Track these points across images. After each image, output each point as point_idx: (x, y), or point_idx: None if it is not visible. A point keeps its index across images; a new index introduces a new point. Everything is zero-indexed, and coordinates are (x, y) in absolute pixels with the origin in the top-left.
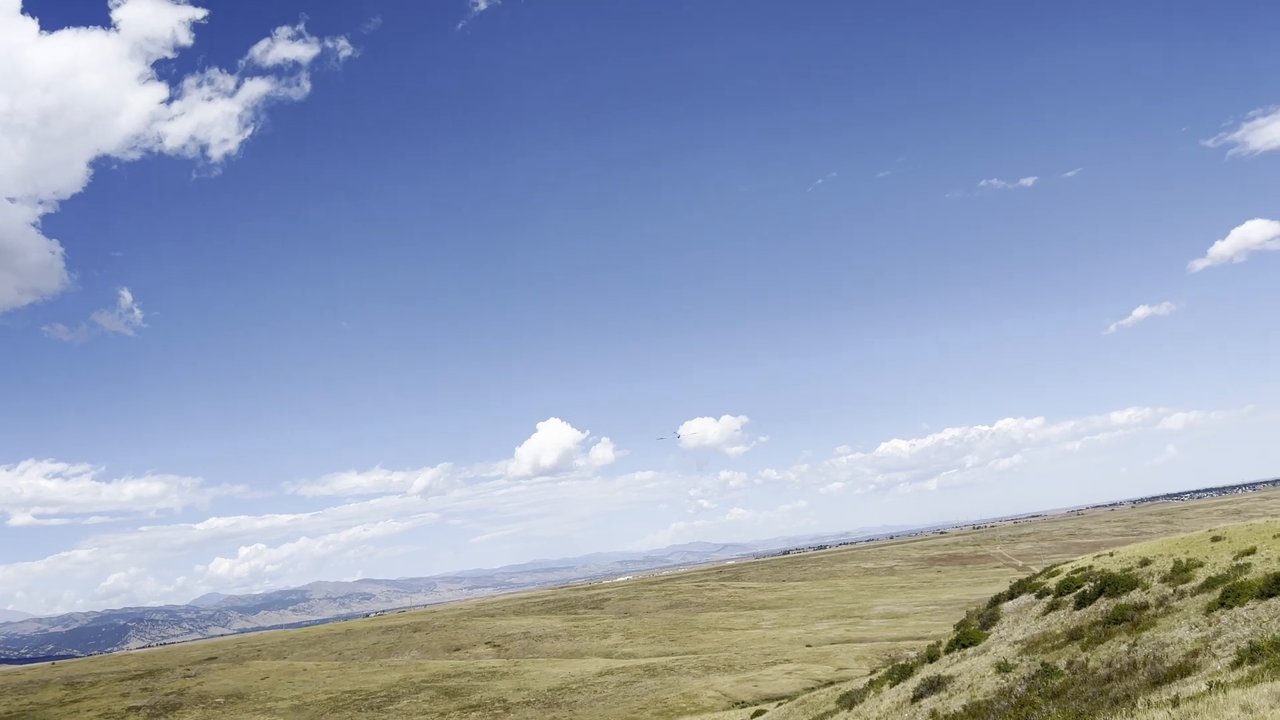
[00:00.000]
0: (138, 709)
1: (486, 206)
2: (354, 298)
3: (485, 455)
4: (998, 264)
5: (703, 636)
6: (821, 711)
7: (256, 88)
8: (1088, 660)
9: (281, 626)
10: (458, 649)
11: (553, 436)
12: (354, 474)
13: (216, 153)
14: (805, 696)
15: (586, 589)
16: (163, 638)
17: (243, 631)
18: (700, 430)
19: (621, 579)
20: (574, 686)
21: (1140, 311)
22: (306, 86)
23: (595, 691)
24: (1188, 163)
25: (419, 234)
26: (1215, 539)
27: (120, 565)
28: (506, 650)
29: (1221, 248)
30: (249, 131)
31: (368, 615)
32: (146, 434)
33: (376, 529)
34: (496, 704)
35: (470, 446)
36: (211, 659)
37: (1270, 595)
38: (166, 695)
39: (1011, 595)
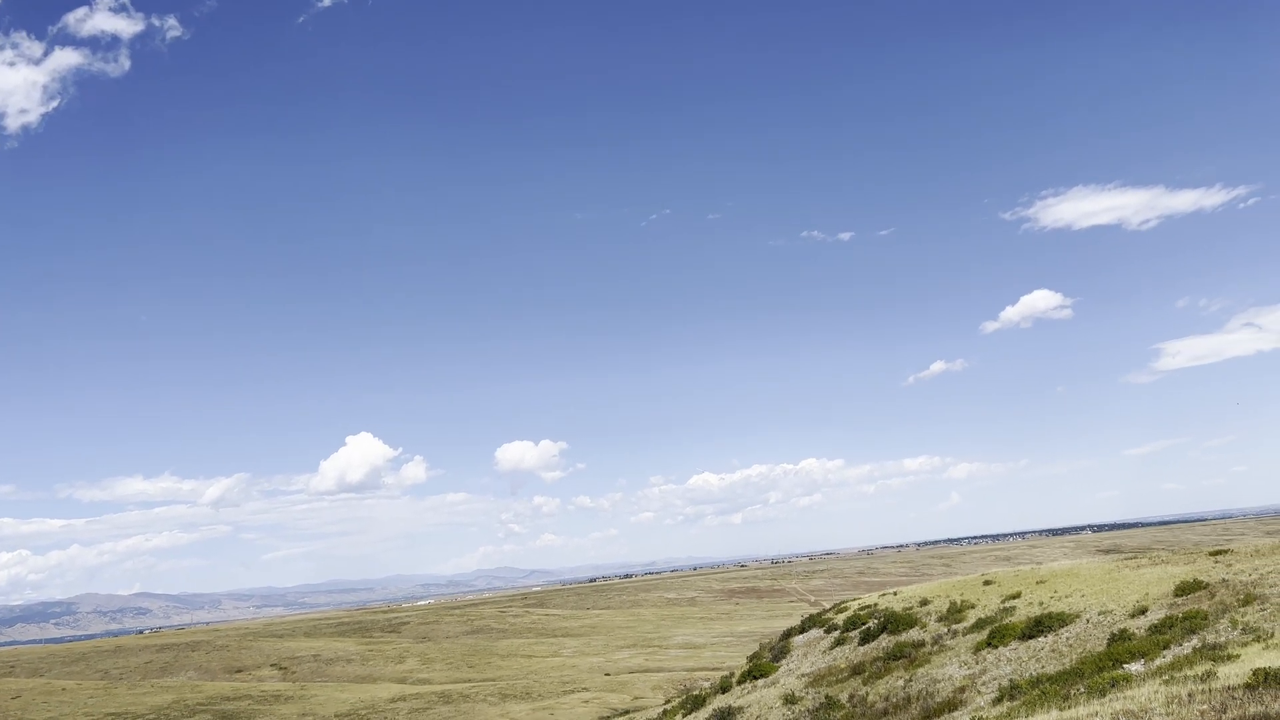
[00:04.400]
0: None
1: (308, 204)
2: (153, 289)
3: (286, 468)
4: (812, 311)
5: (502, 664)
6: None
7: (67, 58)
8: (867, 694)
9: (41, 641)
10: (240, 670)
11: (362, 452)
12: (140, 479)
13: (14, 123)
14: None
15: (384, 611)
16: None
17: None
18: (518, 453)
19: (423, 602)
20: (363, 713)
21: (937, 366)
22: (126, 64)
23: (385, 718)
24: (987, 232)
25: (229, 227)
26: (987, 583)
27: None
28: (293, 673)
29: (1010, 313)
30: (54, 104)
31: (142, 632)
32: None
33: (160, 539)
34: None
35: (271, 457)
36: None
37: (1030, 637)
38: None
39: (802, 629)
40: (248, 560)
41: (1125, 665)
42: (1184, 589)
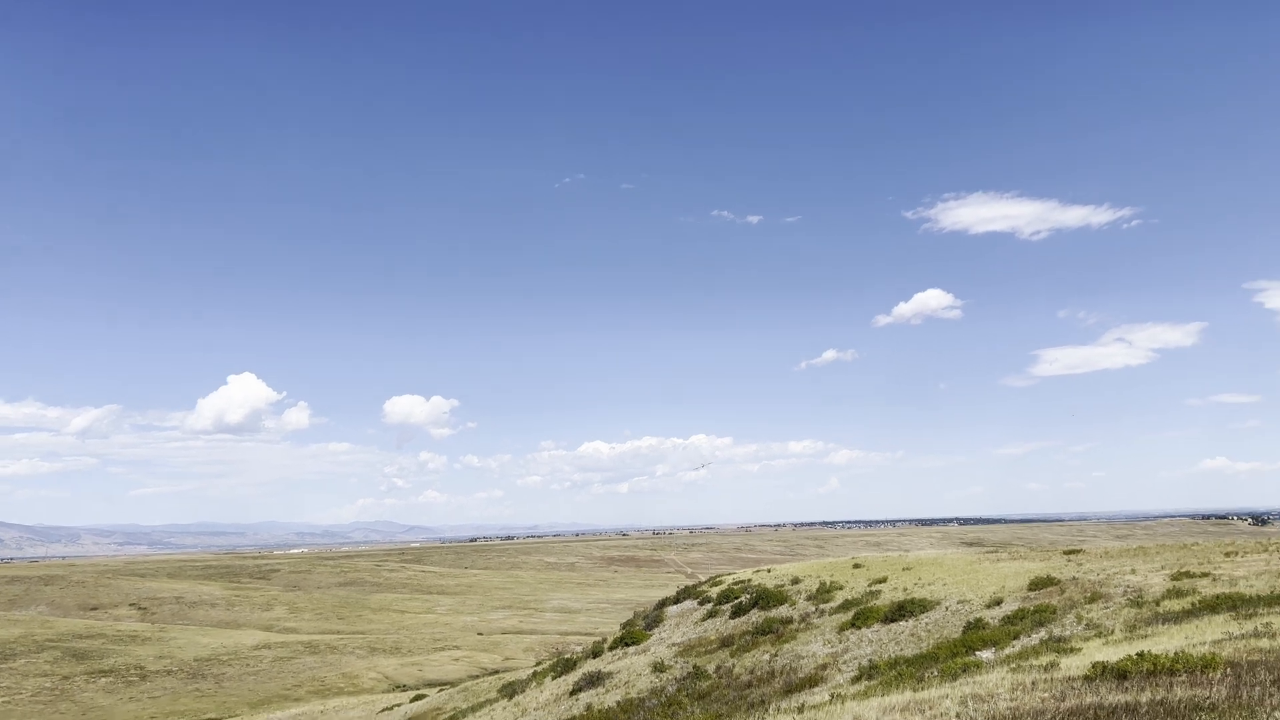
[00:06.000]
0: None
1: (209, 126)
2: (29, 204)
3: (162, 403)
4: (715, 290)
5: (374, 617)
6: (482, 699)
7: None
8: (734, 666)
9: None
10: (96, 608)
11: (243, 392)
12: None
13: None
14: (469, 684)
15: (255, 558)
16: None
17: None
18: (407, 407)
19: (296, 551)
20: (225, 658)
21: (829, 354)
22: None
23: (248, 665)
24: (889, 228)
25: (115, 139)
26: (856, 566)
27: None
28: (154, 614)
29: (903, 308)
30: None
31: None
32: None
33: (18, 466)
34: (132, 670)
35: (146, 391)
36: None
37: (893, 620)
38: None
39: (677, 600)
40: (113, 495)
41: (978, 652)
42: (1037, 584)
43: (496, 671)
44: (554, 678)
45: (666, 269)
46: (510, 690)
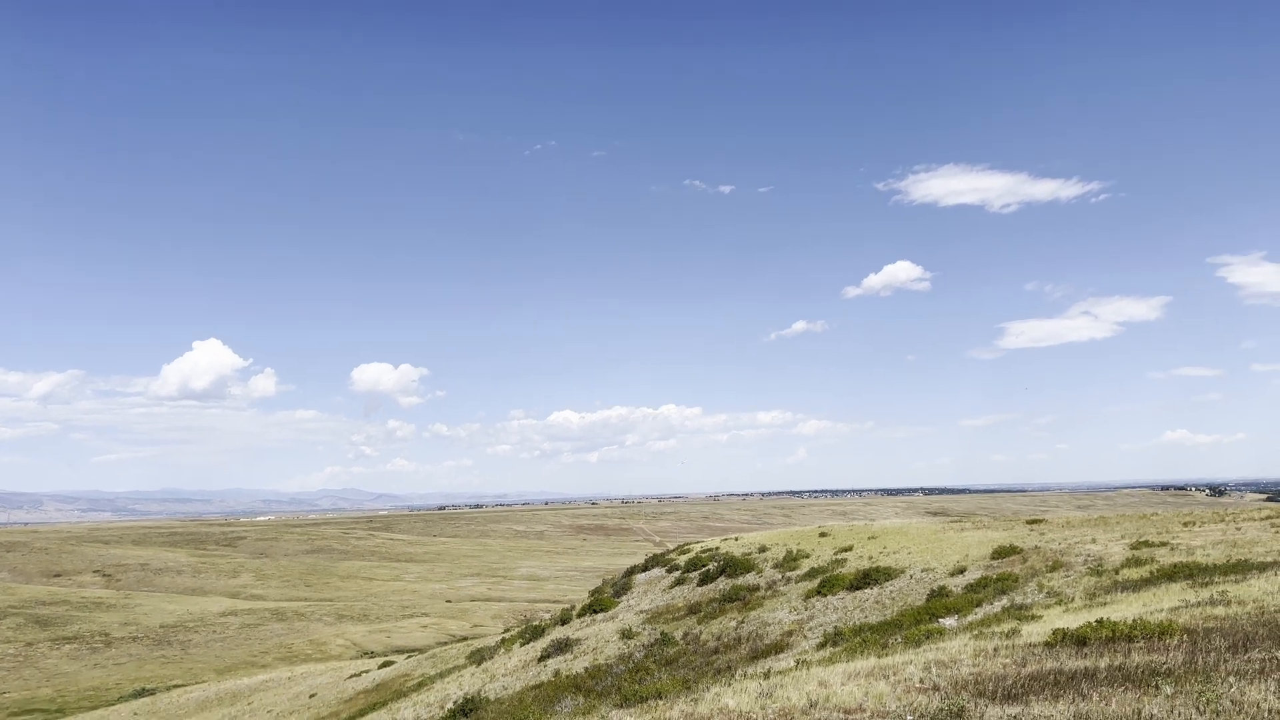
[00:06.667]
0: None
1: (177, 89)
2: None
3: (125, 368)
4: (686, 260)
5: (342, 585)
6: (450, 666)
7: None
8: (701, 633)
9: None
10: (59, 575)
11: (210, 358)
12: None
13: None
14: (437, 650)
15: (221, 525)
16: None
17: None
18: (375, 375)
19: (263, 518)
20: (191, 625)
21: (799, 325)
22: None
23: (214, 632)
24: (860, 200)
25: (75, 102)
26: (822, 535)
27: None
28: (118, 581)
29: (873, 280)
30: None
31: None
32: None
33: None
34: (97, 637)
35: (109, 356)
36: None
37: (858, 588)
38: None
39: (645, 568)
40: (75, 461)
41: (941, 620)
42: (1000, 553)
43: (465, 638)
44: (522, 644)
45: (638, 238)
46: (479, 657)
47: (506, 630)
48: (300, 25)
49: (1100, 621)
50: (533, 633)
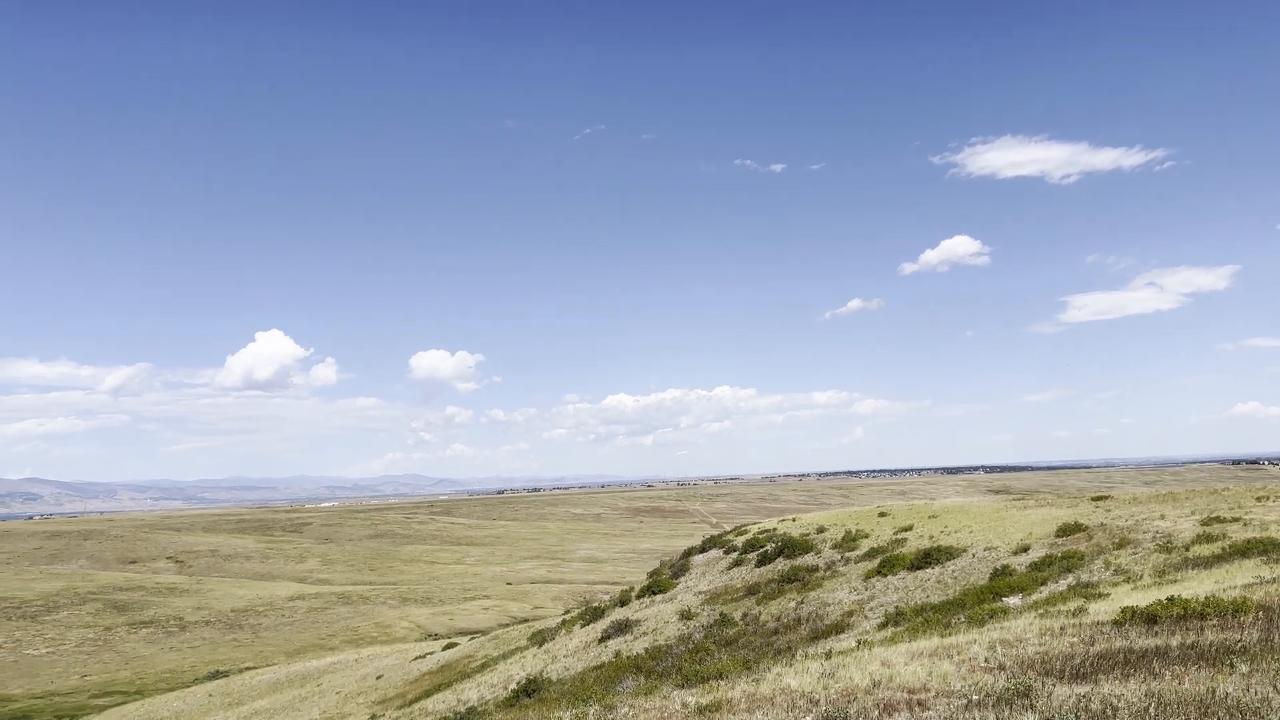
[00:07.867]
0: None
1: (238, 87)
2: (53, 170)
3: (192, 360)
4: (738, 240)
5: (405, 568)
6: (513, 647)
7: None
8: (760, 614)
9: None
10: (134, 561)
11: (272, 349)
12: (35, 362)
13: None
14: (499, 632)
15: (287, 511)
16: None
17: None
18: (433, 362)
19: (327, 504)
20: (260, 609)
21: (854, 304)
22: None
23: (283, 615)
24: (915, 174)
25: (155, 100)
26: (881, 514)
27: None
28: (190, 567)
29: (930, 256)
30: None
31: (31, 518)
32: None
33: (54, 424)
34: (171, 621)
35: (176, 348)
36: None
37: (919, 568)
38: None
39: (703, 549)
40: (146, 452)
41: (1004, 599)
42: (1065, 530)
43: (526, 620)
44: (583, 625)
45: (689, 219)
46: (540, 638)
47: (566, 612)
48: (358, 27)
49: (1171, 599)
50: (592, 614)
